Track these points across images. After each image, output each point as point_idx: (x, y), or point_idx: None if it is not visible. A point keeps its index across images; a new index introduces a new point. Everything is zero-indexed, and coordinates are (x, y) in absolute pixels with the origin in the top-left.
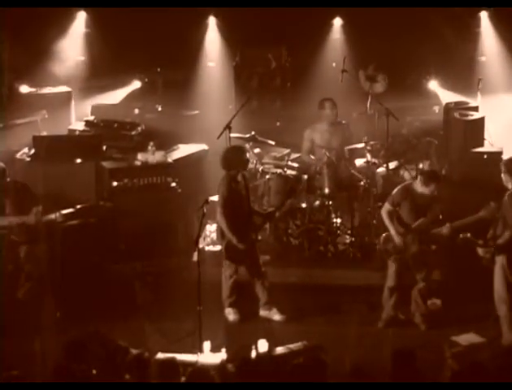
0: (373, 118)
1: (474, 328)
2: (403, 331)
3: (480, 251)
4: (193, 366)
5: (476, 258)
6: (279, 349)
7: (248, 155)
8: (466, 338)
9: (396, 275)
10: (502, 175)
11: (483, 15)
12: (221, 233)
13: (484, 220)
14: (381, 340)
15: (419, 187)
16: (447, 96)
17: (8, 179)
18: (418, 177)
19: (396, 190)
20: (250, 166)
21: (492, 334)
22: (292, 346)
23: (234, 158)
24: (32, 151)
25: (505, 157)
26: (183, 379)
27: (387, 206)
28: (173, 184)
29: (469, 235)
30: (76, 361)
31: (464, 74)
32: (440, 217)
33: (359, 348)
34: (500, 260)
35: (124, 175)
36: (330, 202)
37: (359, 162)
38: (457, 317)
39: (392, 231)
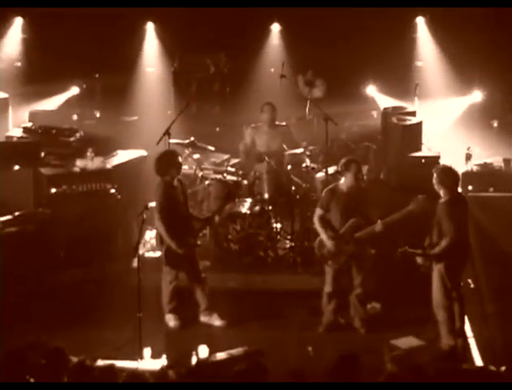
0: (312, 123)
1: (413, 331)
2: (343, 336)
3: (419, 260)
4: (127, 371)
5: (414, 264)
6: (220, 355)
7: (180, 159)
8: (406, 341)
9: (333, 280)
10: (434, 182)
11: (420, 21)
12: (160, 239)
13: (421, 227)
14: (321, 345)
15: (344, 185)
16: (385, 101)
17: None
18: (341, 174)
19: (323, 193)
20: (189, 171)
21: (431, 337)
22: (232, 351)
23: (167, 163)
24: None
25: (442, 161)
26: None
27: (318, 211)
28: (112, 191)
29: (407, 247)
30: (16, 370)
31: (401, 79)
32: (379, 221)
33: (300, 352)
34: (437, 267)
35: (63, 182)
36: (270, 207)
37: (299, 167)
38: (397, 320)
39: (324, 236)
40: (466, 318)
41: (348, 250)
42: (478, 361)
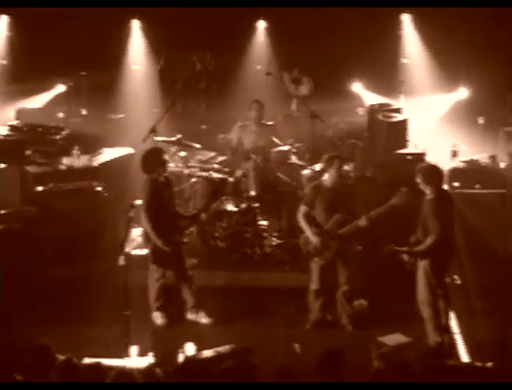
0: (298, 120)
1: (400, 328)
2: (330, 333)
3: (405, 256)
4: (115, 369)
5: (401, 261)
6: (207, 353)
7: (166, 157)
8: (393, 338)
9: (319, 277)
10: (419, 182)
11: (405, 18)
12: (147, 237)
13: (405, 221)
14: (309, 342)
15: (328, 181)
16: (371, 98)
17: None
18: (325, 171)
19: (307, 190)
20: (176, 169)
21: (418, 334)
22: (220, 349)
23: (153, 161)
24: None
25: (428, 158)
26: None
27: (302, 208)
28: (99, 188)
29: (393, 245)
30: (3, 368)
31: (387, 76)
32: (363, 216)
33: (287, 349)
34: (422, 263)
35: (49, 180)
36: (256, 205)
37: (285, 164)
38: (384, 317)
39: (309, 233)
40: (452, 314)
41: (333, 246)
42: (464, 357)
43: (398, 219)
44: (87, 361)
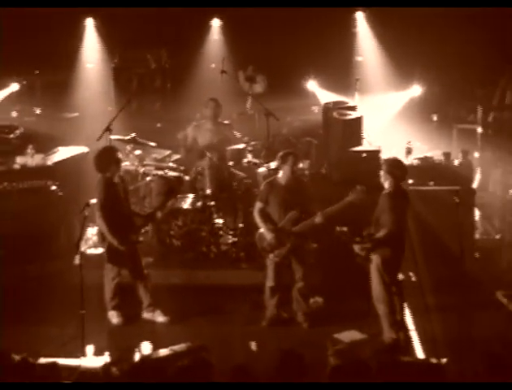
0: (253, 118)
1: (356, 325)
2: (286, 330)
3: (356, 248)
4: (77, 369)
5: (354, 256)
6: (163, 351)
7: (120, 155)
8: (348, 335)
9: (274, 274)
10: (382, 173)
11: (359, 16)
12: (102, 236)
13: (360, 220)
14: (265, 339)
15: (282, 178)
16: (325, 96)
17: None
18: (279, 168)
19: (261, 186)
20: (131, 167)
21: (374, 330)
22: (176, 347)
23: (106, 159)
24: None
25: (383, 155)
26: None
27: (257, 204)
28: (53, 188)
29: (345, 229)
30: None
31: (342, 74)
32: (319, 213)
33: (243, 347)
34: (375, 260)
35: (3, 179)
36: (212, 203)
37: (241, 162)
38: (340, 314)
39: (263, 229)
40: (407, 311)
41: (288, 243)
42: (420, 353)
43: (353, 217)
44: (43, 360)
